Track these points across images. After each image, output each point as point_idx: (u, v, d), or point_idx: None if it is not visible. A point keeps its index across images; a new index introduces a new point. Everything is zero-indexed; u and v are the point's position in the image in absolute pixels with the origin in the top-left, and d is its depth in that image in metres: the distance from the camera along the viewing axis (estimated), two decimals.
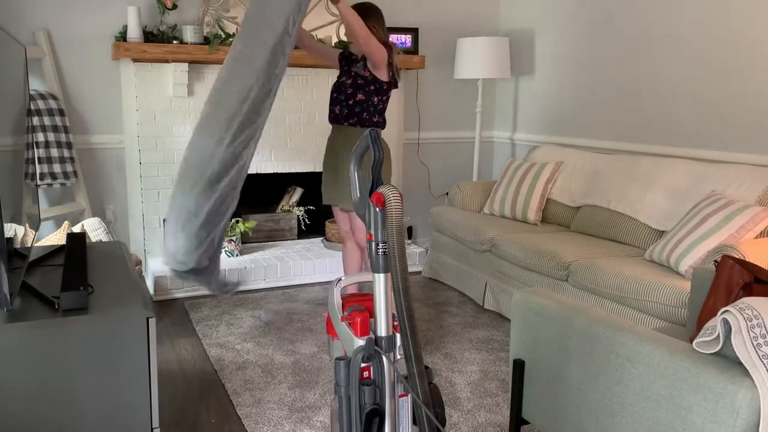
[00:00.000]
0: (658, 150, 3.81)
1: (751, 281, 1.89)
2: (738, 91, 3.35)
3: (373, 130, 1.45)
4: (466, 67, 4.60)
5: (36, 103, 3.64)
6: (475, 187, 4.40)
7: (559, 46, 4.55)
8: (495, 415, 2.54)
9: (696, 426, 1.51)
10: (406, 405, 1.51)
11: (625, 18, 4.00)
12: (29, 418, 1.41)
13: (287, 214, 4.70)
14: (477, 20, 5.01)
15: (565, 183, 4.02)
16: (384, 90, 3.04)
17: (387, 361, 1.44)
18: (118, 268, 1.83)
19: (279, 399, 2.64)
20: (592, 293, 3.06)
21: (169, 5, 3.93)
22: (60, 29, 3.83)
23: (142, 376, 1.49)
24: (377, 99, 3.02)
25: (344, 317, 1.54)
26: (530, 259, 3.37)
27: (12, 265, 1.56)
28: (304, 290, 4.07)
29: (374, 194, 1.42)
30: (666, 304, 2.67)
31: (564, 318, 1.90)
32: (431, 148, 5.06)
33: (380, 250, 1.43)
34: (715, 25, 3.45)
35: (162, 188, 4.17)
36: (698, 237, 2.82)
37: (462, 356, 3.09)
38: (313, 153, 4.57)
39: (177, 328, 3.42)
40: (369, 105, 3.03)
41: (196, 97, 4.17)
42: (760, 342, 1.42)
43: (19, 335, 1.38)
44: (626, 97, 4.03)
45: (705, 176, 3.23)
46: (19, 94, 1.97)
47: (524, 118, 4.95)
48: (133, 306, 1.50)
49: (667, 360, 1.58)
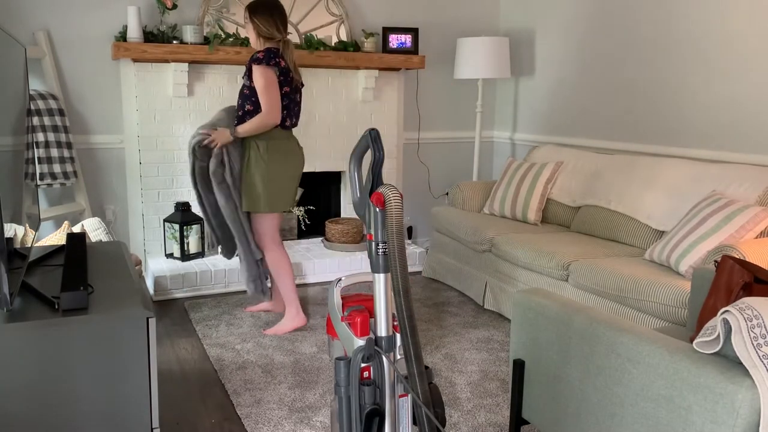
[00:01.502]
0: (658, 150, 3.81)
1: (751, 281, 1.89)
2: (738, 91, 3.35)
3: (373, 130, 1.45)
4: (466, 67, 4.60)
5: (36, 103, 3.64)
6: (475, 187, 4.40)
7: (559, 46, 4.55)
8: (495, 415, 2.54)
9: (696, 426, 1.51)
10: (406, 405, 1.51)
11: (625, 18, 4.00)
12: (29, 418, 1.41)
13: (287, 214, 4.70)
14: (477, 20, 5.01)
15: (565, 183, 4.02)
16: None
17: (387, 361, 1.44)
18: (118, 268, 1.83)
19: (279, 399, 2.64)
20: (592, 293, 3.06)
21: (169, 5, 3.94)
22: (60, 29, 3.83)
23: (142, 376, 1.49)
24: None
25: (344, 317, 1.54)
26: (530, 259, 3.37)
27: (12, 265, 1.56)
28: (304, 290, 4.07)
29: (374, 194, 1.42)
30: (666, 304, 2.67)
31: (564, 318, 1.90)
32: (431, 148, 5.06)
33: (380, 250, 1.43)
34: (715, 25, 3.45)
35: (162, 188, 4.17)
36: (698, 237, 2.82)
37: (462, 356, 3.09)
38: (313, 153, 4.57)
39: (177, 328, 3.42)
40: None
41: (196, 97, 4.17)
42: (760, 342, 1.42)
43: (19, 335, 1.38)
44: (626, 97, 4.03)
45: (705, 176, 3.23)
46: (19, 94, 1.97)
47: (524, 118, 4.95)
48: (133, 306, 1.50)
49: (667, 360, 1.58)
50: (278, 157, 3.11)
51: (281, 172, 3.12)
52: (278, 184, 3.12)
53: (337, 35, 4.50)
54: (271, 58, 2.99)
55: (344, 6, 4.51)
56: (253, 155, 3.09)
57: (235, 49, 3.99)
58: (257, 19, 3.06)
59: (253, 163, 3.09)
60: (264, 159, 3.08)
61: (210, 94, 4.21)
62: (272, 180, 3.10)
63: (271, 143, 3.09)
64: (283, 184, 3.15)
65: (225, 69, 4.22)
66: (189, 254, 4.10)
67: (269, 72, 2.99)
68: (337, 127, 4.61)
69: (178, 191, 4.21)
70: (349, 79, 4.59)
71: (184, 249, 4.07)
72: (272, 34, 3.07)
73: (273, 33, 3.07)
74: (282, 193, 3.16)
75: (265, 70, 2.98)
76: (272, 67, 2.99)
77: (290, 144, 3.17)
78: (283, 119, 3.09)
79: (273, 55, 3.00)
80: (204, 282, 3.95)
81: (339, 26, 4.50)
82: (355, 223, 4.51)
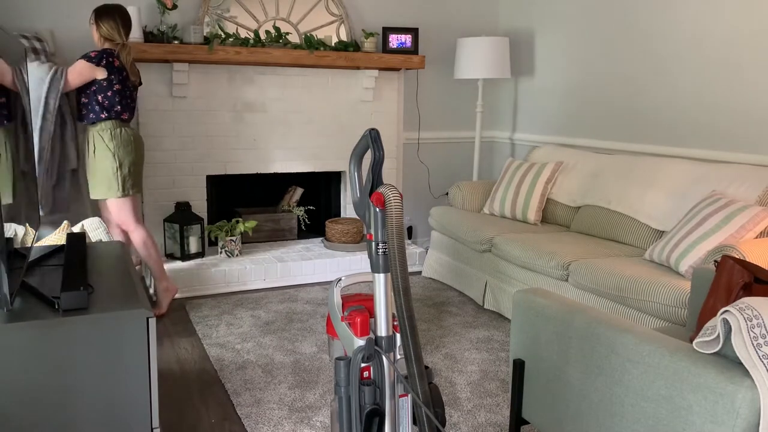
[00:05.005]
0: (658, 150, 3.81)
1: (751, 281, 1.89)
2: (738, 91, 3.35)
3: (373, 130, 1.45)
4: (466, 67, 4.60)
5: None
6: (475, 187, 4.40)
7: (558, 46, 4.55)
8: (495, 415, 2.54)
9: (696, 426, 1.51)
10: (406, 405, 1.51)
11: (625, 17, 4.00)
12: (29, 418, 1.41)
13: (287, 214, 4.70)
14: (477, 20, 5.01)
15: (565, 183, 4.02)
16: (104, 87, 3.33)
17: (387, 361, 1.44)
18: (118, 268, 1.83)
19: (279, 399, 2.64)
20: (592, 293, 3.06)
21: (170, 5, 3.94)
22: (62, 29, 3.83)
23: (142, 376, 1.49)
24: (101, 96, 3.32)
25: (344, 317, 1.54)
26: (530, 259, 3.37)
27: (12, 265, 1.56)
28: (304, 290, 4.07)
29: (374, 194, 1.42)
30: (666, 304, 2.67)
31: (564, 318, 1.90)
32: (431, 148, 5.06)
33: (380, 250, 1.43)
34: (715, 25, 3.45)
35: (162, 188, 4.17)
36: (698, 237, 2.82)
37: (462, 356, 3.09)
38: (313, 153, 4.57)
39: (177, 328, 3.42)
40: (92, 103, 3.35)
41: (196, 97, 4.17)
42: (760, 342, 1.42)
43: (19, 335, 1.38)
44: (626, 97, 4.03)
45: (705, 176, 3.23)
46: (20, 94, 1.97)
47: (524, 118, 4.95)
48: (133, 306, 1.50)
49: (667, 360, 1.58)
50: (123, 144, 3.38)
51: (126, 158, 3.39)
52: (125, 170, 3.39)
53: (337, 35, 4.50)
54: (102, 59, 3.27)
55: (344, 6, 4.51)
56: (98, 145, 3.34)
57: (235, 49, 4.00)
58: (102, 22, 3.33)
59: (100, 152, 3.35)
60: (110, 148, 3.34)
61: (210, 94, 4.21)
62: (121, 167, 3.37)
63: (114, 133, 3.36)
64: (129, 169, 3.42)
65: (225, 69, 4.22)
66: (189, 254, 4.10)
67: (86, 68, 3.26)
68: (337, 127, 4.61)
69: (178, 191, 4.21)
70: (349, 79, 4.59)
71: (184, 249, 4.07)
72: (113, 36, 3.35)
73: (114, 36, 3.35)
74: (130, 177, 3.42)
75: (85, 65, 3.26)
76: (101, 67, 3.27)
77: (132, 132, 3.45)
78: (119, 113, 3.37)
79: (106, 56, 3.28)
80: (204, 282, 3.95)
81: (339, 26, 4.50)
82: (355, 223, 4.51)
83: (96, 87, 3.31)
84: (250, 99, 4.33)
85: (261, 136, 4.40)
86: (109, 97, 3.32)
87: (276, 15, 4.32)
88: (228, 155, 4.34)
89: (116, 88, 3.33)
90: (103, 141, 3.33)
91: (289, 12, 4.34)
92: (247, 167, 4.40)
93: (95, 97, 3.31)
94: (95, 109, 3.32)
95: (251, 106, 4.34)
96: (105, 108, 3.32)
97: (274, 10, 4.31)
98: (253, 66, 4.28)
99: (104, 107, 3.32)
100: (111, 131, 3.33)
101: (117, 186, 3.37)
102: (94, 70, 3.28)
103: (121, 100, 3.36)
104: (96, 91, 3.31)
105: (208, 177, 4.36)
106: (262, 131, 4.40)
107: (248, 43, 4.09)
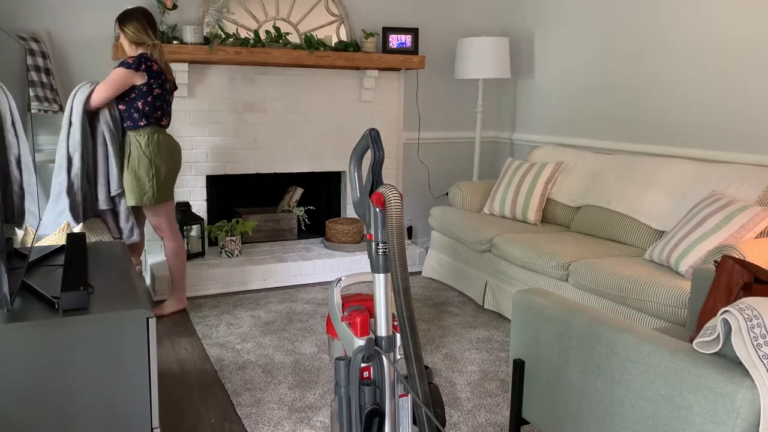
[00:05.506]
0: (658, 150, 3.81)
1: (751, 281, 1.89)
2: (738, 91, 3.35)
3: (373, 130, 1.45)
4: (466, 67, 4.60)
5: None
6: (475, 187, 4.40)
7: (559, 46, 4.55)
8: (495, 415, 2.54)
9: (696, 426, 1.51)
10: (406, 405, 1.51)
11: (625, 18, 4.00)
12: (29, 417, 1.41)
13: (287, 214, 4.70)
14: (477, 20, 5.01)
15: (565, 183, 4.02)
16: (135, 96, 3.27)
17: (387, 361, 1.44)
18: (118, 268, 1.83)
19: (279, 399, 2.64)
20: (592, 293, 3.06)
21: (170, 5, 3.94)
22: (60, 29, 3.83)
23: (142, 376, 1.49)
24: (140, 103, 3.26)
25: (344, 317, 1.54)
26: (530, 259, 3.37)
27: (12, 265, 1.56)
28: (304, 290, 4.07)
29: (374, 194, 1.42)
30: (666, 304, 2.67)
31: (564, 318, 1.90)
32: (431, 148, 5.06)
33: (380, 250, 1.43)
34: (714, 25, 3.45)
35: None
36: (698, 237, 2.82)
37: (462, 356, 3.09)
38: (313, 153, 4.57)
39: (177, 328, 3.42)
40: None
41: (196, 97, 4.17)
42: (760, 342, 1.42)
43: (19, 335, 1.38)
44: (626, 97, 4.03)
45: (705, 176, 3.23)
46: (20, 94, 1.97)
47: (524, 118, 4.95)
48: (133, 306, 1.50)
49: (667, 360, 1.58)
50: (160, 151, 3.33)
51: (162, 165, 3.33)
52: (161, 177, 3.34)
53: (337, 35, 4.50)
54: (141, 63, 3.19)
55: (344, 6, 4.51)
56: (135, 152, 3.28)
57: (235, 49, 4.00)
58: (126, 27, 3.25)
59: (136, 159, 3.28)
60: (146, 154, 3.28)
61: (210, 94, 4.21)
62: (157, 174, 3.32)
63: (152, 139, 3.30)
64: (166, 176, 3.37)
65: (225, 69, 4.22)
66: (189, 254, 4.10)
67: (124, 75, 3.17)
68: (337, 127, 4.61)
69: (178, 191, 4.21)
70: (349, 80, 4.59)
71: (184, 249, 4.06)
72: (142, 38, 3.27)
73: (143, 38, 3.26)
74: (165, 185, 3.37)
75: (122, 72, 3.17)
76: (141, 72, 3.19)
77: (170, 140, 3.41)
78: (159, 119, 3.32)
79: (144, 60, 3.20)
80: (204, 282, 3.95)
81: (339, 26, 4.51)
82: (355, 223, 4.51)
83: (135, 93, 3.23)
84: (250, 99, 4.33)
85: (261, 136, 4.40)
86: (149, 102, 3.25)
87: (276, 15, 4.32)
88: (228, 155, 4.34)
89: (156, 92, 3.26)
90: (140, 147, 3.27)
91: (289, 12, 4.34)
92: (247, 167, 4.40)
93: (134, 104, 3.24)
94: (134, 116, 3.25)
95: (251, 106, 4.34)
96: (144, 115, 3.25)
97: (274, 10, 4.31)
98: (253, 66, 4.28)
99: (144, 114, 3.25)
100: (149, 137, 3.27)
101: (152, 193, 3.31)
102: (132, 76, 3.18)
103: (161, 105, 3.31)
104: (135, 98, 3.23)
105: (208, 177, 4.36)
106: (263, 131, 4.40)
107: (248, 43, 4.09)
